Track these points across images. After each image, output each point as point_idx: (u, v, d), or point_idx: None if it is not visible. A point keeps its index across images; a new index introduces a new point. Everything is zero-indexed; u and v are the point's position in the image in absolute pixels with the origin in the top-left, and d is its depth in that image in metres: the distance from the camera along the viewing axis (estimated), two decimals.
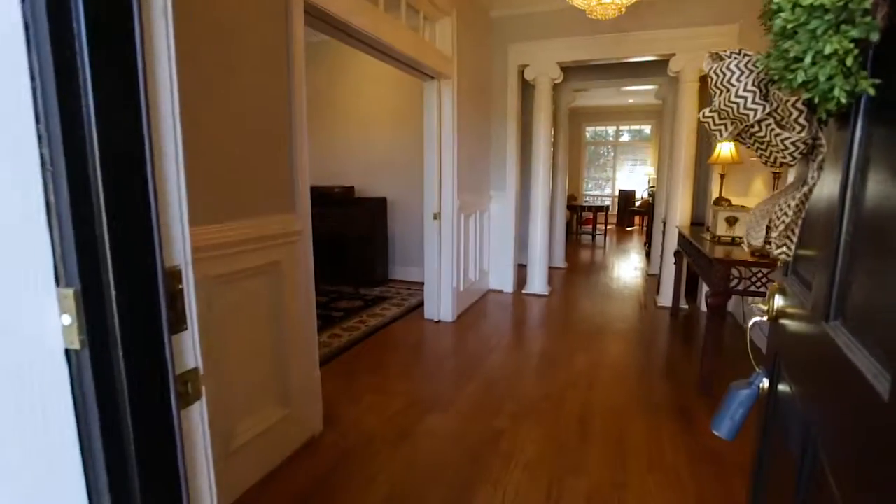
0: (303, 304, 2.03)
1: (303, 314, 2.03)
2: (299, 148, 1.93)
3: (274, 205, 1.84)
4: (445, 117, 3.63)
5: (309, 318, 2.08)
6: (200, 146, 1.50)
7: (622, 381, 2.81)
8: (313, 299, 2.10)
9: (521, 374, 2.90)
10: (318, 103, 5.43)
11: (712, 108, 0.80)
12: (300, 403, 2.07)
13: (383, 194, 5.26)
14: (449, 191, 3.73)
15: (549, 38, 4.39)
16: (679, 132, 4.18)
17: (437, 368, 2.99)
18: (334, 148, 5.45)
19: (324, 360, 3.05)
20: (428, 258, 3.83)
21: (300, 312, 2.01)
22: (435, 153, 3.64)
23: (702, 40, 3.97)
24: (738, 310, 3.97)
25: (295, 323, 1.98)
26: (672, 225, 4.26)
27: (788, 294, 1.07)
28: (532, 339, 3.54)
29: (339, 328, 3.72)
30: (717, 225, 3.13)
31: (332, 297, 4.65)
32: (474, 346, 3.38)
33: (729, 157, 3.62)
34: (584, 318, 4.06)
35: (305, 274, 2.03)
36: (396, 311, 4.19)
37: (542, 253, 4.73)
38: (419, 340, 3.48)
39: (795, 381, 0.95)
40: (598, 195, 12.20)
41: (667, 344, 3.48)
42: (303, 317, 2.04)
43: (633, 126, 11.70)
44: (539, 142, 4.58)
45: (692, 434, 2.23)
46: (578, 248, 8.14)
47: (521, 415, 2.40)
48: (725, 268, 2.48)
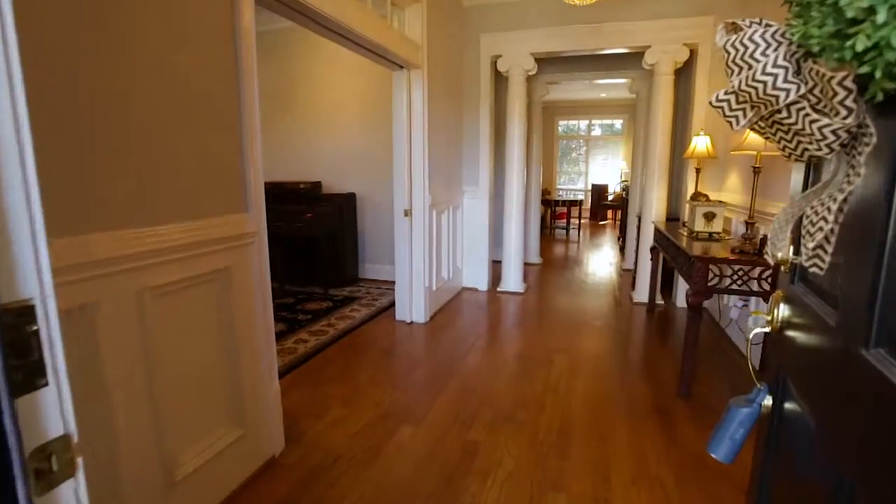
0: (258, 313, 1.83)
1: (258, 323, 1.84)
2: (251, 141, 1.73)
3: (222, 204, 1.64)
4: (415, 109, 3.45)
5: (265, 328, 1.89)
6: (130, 141, 1.30)
7: (601, 383, 2.71)
8: (270, 306, 1.91)
9: (498, 378, 2.77)
10: (282, 94, 5.17)
11: (728, 90, 0.66)
12: (257, 422, 1.88)
13: (352, 189, 5.05)
14: (420, 186, 3.56)
15: (522, 29, 4.26)
16: (654, 126, 4.12)
17: (408, 375, 2.83)
18: (300, 141, 5.20)
19: (288, 369, 2.85)
20: (399, 257, 3.66)
21: (255, 322, 1.82)
22: (405, 147, 3.46)
23: (676, 32, 3.91)
24: (713, 306, 3.94)
25: (249, 334, 1.79)
26: (648, 220, 4.20)
27: (796, 304, 0.96)
28: (508, 341, 3.42)
29: (305, 332, 3.52)
30: (695, 221, 3.07)
31: (299, 298, 4.42)
32: (448, 349, 3.24)
33: (705, 152, 3.56)
34: (561, 316, 3.96)
35: (261, 279, 1.84)
36: (367, 312, 4.00)
37: (516, 249, 4.62)
38: (390, 344, 3.32)
39: (813, 406, 0.83)
40: (570, 189, 12.21)
41: (644, 342, 3.41)
42: (258, 326, 1.84)
43: (604, 120, 11.73)
44: (513, 135, 4.45)
45: (674, 440, 2.14)
46: (553, 242, 8.09)
47: (498, 425, 2.26)
48: (705, 265, 2.40)
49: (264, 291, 1.86)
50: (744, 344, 3.09)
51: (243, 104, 1.70)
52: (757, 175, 2.42)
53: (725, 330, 3.48)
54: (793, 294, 0.98)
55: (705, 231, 3.07)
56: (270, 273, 1.90)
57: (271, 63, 5.14)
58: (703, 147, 3.56)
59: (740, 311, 3.14)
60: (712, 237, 3.04)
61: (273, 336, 1.95)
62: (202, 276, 1.54)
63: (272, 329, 1.94)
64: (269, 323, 1.90)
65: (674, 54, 3.94)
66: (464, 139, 4.61)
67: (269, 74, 5.17)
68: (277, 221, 4.62)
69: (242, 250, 1.72)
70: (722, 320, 3.58)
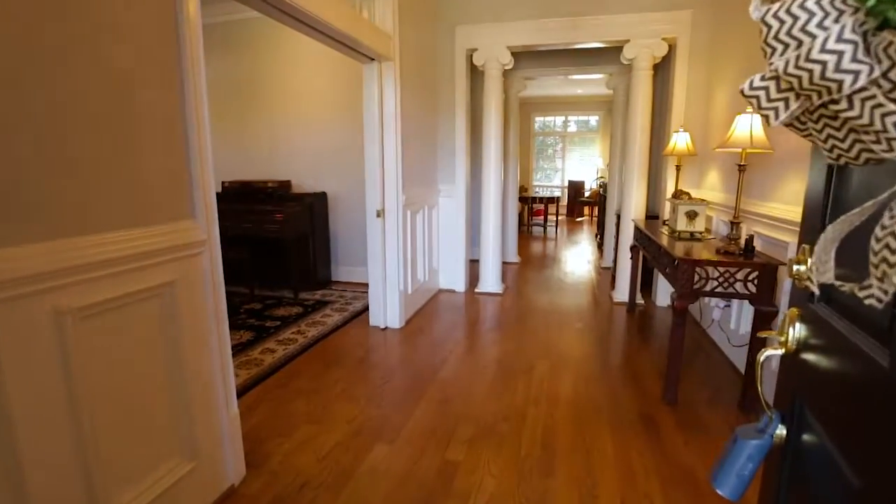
0: (210, 331, 1.65)
1: (211, 342, 1.65)
2: (198, 139, 1.54)
3: (163, 211, 1.44)
4: (387, 104, 3.27)
5: (220, 346, 1.70)
6: (41, 137, 1.10)
7: (585, 390, 2.60)
8: (225, 322, 1.72)
9: (477, 388, 2.63)
10: (248, 89, 4.91)
11: (767, 74, 0.52)
12: (212, 451, 1.69)
13: (324, 189, 4.84)
14: (393, 185, 3.39)
15: (499, 21, 4.11)
16: (633, 122, 4.04)
17: (383, 386, 2.66)
18: (268, 138, 4.95)
19: (253, 383, 2.66)
20: (371, 260, 3.48)
21: (207, 341, 1.63)
22: (377, 144, 3.28)
23: (654, 26, 3.83)
24: (693, 305, 3.88)
25: (200, 355, 1.60)
26: (627, 218, 4.12)
27: (818, 326, 0.84)
28: (487, 346, 3.29)
29: (273, 341, 3.31)
30: (678, 220, 2.98)
31: (268, 303, 4.20)
32: (425, 356, 3.09)
33: (685, 149, 3.49)
34: (541, 318, 3.85)
35: (213, 292, 1.65)
36: (339, 317, 3.81)
37: (494, 249, 4.49)
38: (364, 352, 3.14)
39: (843, 443, 0.71)
40: (547, 186, 12.18)
41: (626, 344, 3.33)
42: (211, 346, 1.66)
43: (580, 117, 11.72)
44: (490, 131, 4.31)
45: (663, 451, 2.04)
46: (530, 240, 8.01)
47: (479, 441, 2.12)
48: (690, 268, 2.31)
49: (218, 306, 1.67)
50: (727, 346, 3.03)
51: (188, 99, 1.51)
52: (742, 173, 2.34)
53: (707, 331, 3.42)
54: (812, 314, 0.86)
55: (687, 230, 3.00)
56: (238, 277, 1.71)
57: (235, 55, 4.87)
58: (684, 144, 3.49)
59: (722, 312, 3.08)
60: (694, 237, 2.97)
61: (229, 355, 1.76)
62: (139, 293, 1.35)
63: (228, 347, 1.75)
64: (223, 341, 1.71)
65: (652, 49, 3.86)
66: (439, 135, 4.45)
67: (232, 67, 4.91)
68: (244, 223, 4.38)
69: (190, 261, 1.53)
70: (703, 321, 3.53)
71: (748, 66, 2.99)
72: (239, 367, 2.87)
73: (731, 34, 3.36)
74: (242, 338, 3.36)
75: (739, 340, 2.82)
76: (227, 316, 1.73)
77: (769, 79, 0.51)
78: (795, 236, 2.25)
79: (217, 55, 4.93)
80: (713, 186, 3.58)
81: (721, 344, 3.16)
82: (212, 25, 4.89)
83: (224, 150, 5.12)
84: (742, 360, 2.79)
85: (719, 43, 3.59)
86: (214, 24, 4.87)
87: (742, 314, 2.83)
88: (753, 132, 2.24)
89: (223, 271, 1.69)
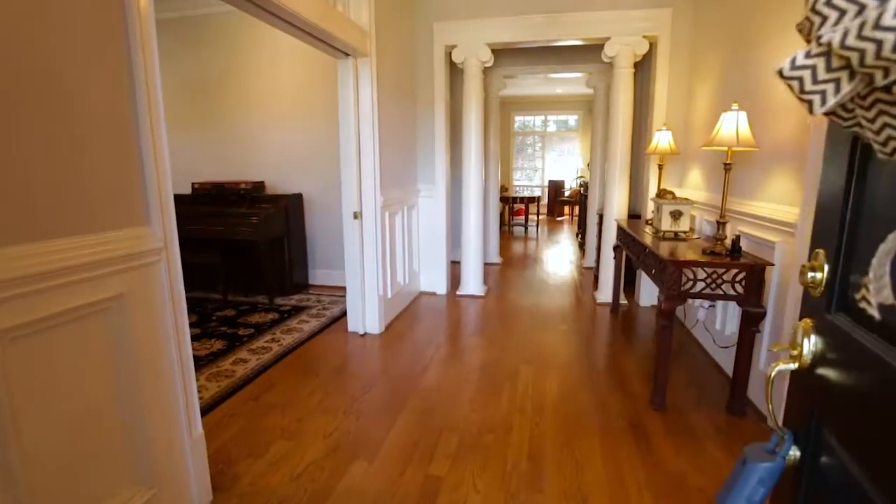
0: (169, 346, 1.50)
1: (170, 359, 1.51)
2: (152, 139, 1.40)
3: (110, 217, 1.30)
4: (363, 102, 3.15)
5: (181, 362, 1.56)
6: None
7: (571, 396, 2.53)
8: (186, 335, 1.58)
9: (461, 397, 2.53)
10: (219, 86, 4.72)
11: (813, 50, 0.43)
12: (174, 476, 1.55)
13: (300, 190, 4.68)
14: (371, 186, 3.26)
15: (478, 18, 4.02)
16: (615, 121, 3.99)
17: (362, 396, 2.54)
18: (240, 137, 4.77)
19: (224, 396, 2.50)
20: (349, 264, 3.35)
21: (165, 357, 1.49)
22: (353, 143, 3.15)
23: (635, 24, 3.79)
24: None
25: (157, 373, 1.46)
26: (610, 218, 4.08)
27: (837, 339, 0.76)
28: (470, 351, 3.19)
29: (246, 350, 3.15)
30: (662, 219, 2.93)
31: (242, 310, 4.03)
32: (406, 363, 2.97)
33: (668, 148, 3.45)
34: (525, 320, 3.77)
35: (172, 304, 1.51)
36: (316, 323, 3.67)
37: (476, 250, 4.40)
38: (341, 360, 3.01)
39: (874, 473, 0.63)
40: (526, 185, 12.16)
41: (611, 347, 3.27)
42: (170, 362, 1.51)
43: (559, 116, 11.73)
44: (470, 130, 4.22)
45: (655, 461, 1.97)
46: (512, 240, 7.96)
47: (463, 454, 2.02)
48: (678, 269, 2.25)
49: (178, 319, 1.53)
50: (713, 346, 2.99)
51: (139, 96, 1.36)
52: (728, 172, 2.29)
53: (692, 331, 3.39)
54: (830, 326, 0.79)
55: (671, 230, 2.95)
56: (210, 283, 1.57)
57: (205, 51, 4.68)
58: (666, 143, 3.45)
59: (707, 312, 3.04)
60: (678, 236, 2.92)
61: (192, 372, 1.62)
62: (82, 309, 1.21)
63: (190, 363, 1.61)
64: (185, 357, 1.57)
65: (633, 47, 3.81)
66: (418, 134, 4.34)
67: (202, 64, 4.71)
68: (216, 226, 4.19)
69: (143, 271, 1.39)
70: (687, 321, 3.50)
71: (730, 64, 2.96)
72: (208, 379, 2.72)
73: (710, 33, 3.33)
74: (213, 347, 3.19)
75: (725, 341, 2.78)
76: (198, 324, 1.59)
77: (817, 55, 0.42)
78: (782, 236, 2.21)
79: (185, 51, 4.73)
80: (696, 185, 3.55)
81: (706, 345, 3.13)
82: (180, 20, 4.69)
83: (194, 149, 4.91)
84: (728, 362, 2.75)
85: (700, 41, 3.56)
86: (182, 18, 4.67)
87: (727, 315, 2.79)
88: (739, 130, 2.19)
89: (193, 277, 1.56)
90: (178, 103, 4.87)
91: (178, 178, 4.94)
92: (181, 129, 4.90)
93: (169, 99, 4.90)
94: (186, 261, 1.63)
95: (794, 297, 2.07)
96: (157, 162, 1.41)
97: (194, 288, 4.65)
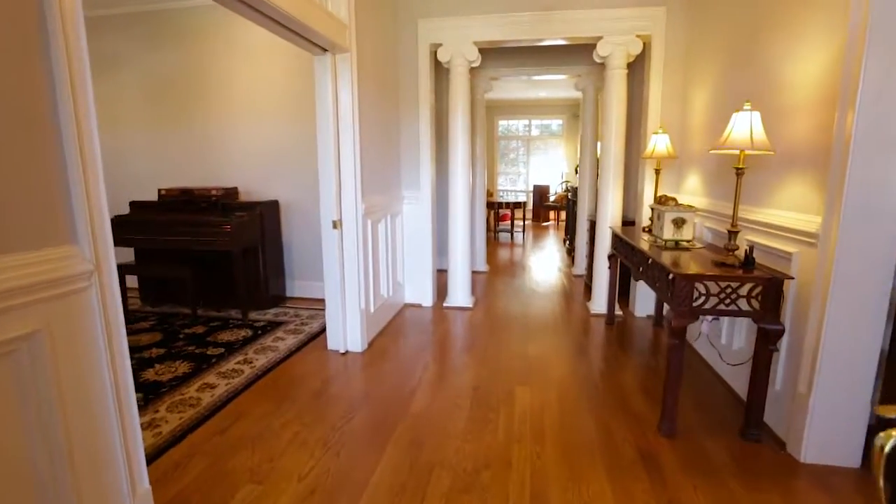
0: (103, 388, 1.24)
1: (103, 403, 1.25)
2: (78, 144, 1.14)
3: (23, 234, 1.04)
4: (343, 102, 2.91)
5: (118, 406, 1.29)
6: None
7: (572, 423, 2.31)
8: (125, 374, 1.32)
9: (453, 425, 2.30)
10: (187, 86, 4.42)
11: None
12: None
13: (276, 196, 4.40)
14: (351, 193, 3.01)
15: (465, 15, 3.82)
16: (608, 124, 3.82)
17: (342, 427, 2.29)
18: (212, 140, 4.47)
19: (185, 431, 2.22)
20: (328, 277, 3.10)
21: (96, 402, 1.23)
22: (331, 147, 2.90)
23: (628, 23, 3.63)
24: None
25: (86, 421, 1.20)
26: (604, 226, 3.90)
27: None
28: (461, 370, 2.95)
29: (214, 374, 2.87)
30: (664, 227, 2.75)
31: (213, 326, 3.73)
32: (391, 385, 2.72)
33: (665, 152, 3.29)
34: (516, 335, 3.56)
35: (108, 337, 1.24)
36: (293, 341, 3.40)
37: (463, 259, 4.17)
38: (321, 383, 2.75)
39: None
40: (510, 190, 12.01)
41: (610, 362, 3.07)
42: (103, 407, 1.25)
43: (543, 121, 11.62)
44: (456, 133, 4.00)
45: (668, 498, 1.76)
46: (498, 247, 7.76)
47: (457, 497, 1.79)
48: (689, 284, 2.06)
49: (115, 354, 1.27)
50: (719, 362, 2.82)
51: (61, 96, 1.11)
52: (740, 177, 2.11)
53: (694, 345, 3.22)
54: None
55: (673, 239, 2.77)
56: (179, 297, 1.31)
57: (173, 47, 4.38)
58: (664, 146, 3.28)
59: (711, 325, 2.87)
60: (680, 245, 2.74)
61: (135, 416, 1.36)
62: None
63: (133, 406, 1.35)
64: (125, 400, 1.31)
65: (627, 46, 3.65)
66: (402, 138, 4.11)
67: (168, 61, 4.41)
68: (185, 235, 3.88)
69: (68, 301, 1.13)
70: (689, 334, 3.32)
71: (732, 62, 2.80)
72: (170, 409, 2.43)
73: (708, 29, 3.18)
74: (178, 370, 2.90)
75: (733, 357, 2.60)
76: (164, 343, 1.33)
77: None
78: (801, 246, 2.04)
79: (152, 47, 4.42)
80: (694, 191, 3.39)
81: (711, 360, 2.95)
82: (145, 14, 4.38)
83: (161, 152, 4.60)
84: (737, 380, 2.58)
85: (696, 39, 3.42)
86: (148, 12, 4.37)
87: (735, 329, 2.62)
88: (754, 132, 2.02)
89: (161, 291, 1.30)
90: (144, 103, 4.56)
91: (144, 183, 4.63)
92: (148, 131, 4.59)
93: (135, 98, 4.60)
94: (153, 274, 1.37)
95: (817, 313, 1.90)
96: (86, 169, 1.16)
97: (162, 302, 4.33)
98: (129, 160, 4.68)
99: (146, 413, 2.39)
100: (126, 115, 4.60)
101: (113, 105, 4.61)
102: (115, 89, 4.57)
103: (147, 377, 2.81)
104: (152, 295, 4.33)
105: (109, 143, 4.70)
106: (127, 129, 4.63)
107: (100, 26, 4.49)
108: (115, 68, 4.54)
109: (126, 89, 4.56)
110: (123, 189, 4.67)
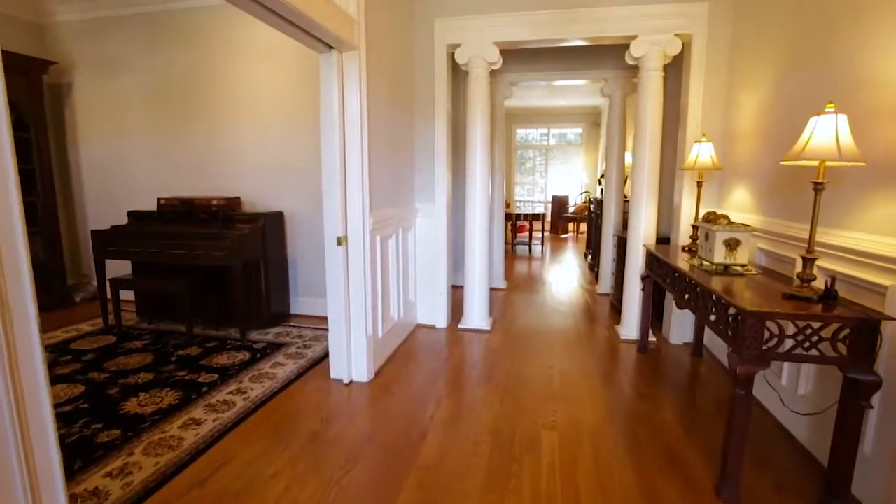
0: (7, 463, 0.93)
1: (8, 482, 0.94)
2: None
3: None
4: (350, 105, 2.61)
5: (32, 483, 0.99)
6: None
7: (612, 480, 1.95)
8: (48, 436, 1.01)
9: (470, 479, 1.95)
10: (189, 91, 4.19)
11: None
12: None
13: (280, 206, 4.13)
14: (358, 205, 2.71)
15: (485, 13, 3.52)
16: (642, 132, 3.47)
17: (341, 479, 1.96)
18: (215, 147, 4.23)
19: (159, 483, 1.90)
20: (332, 299, 2.79)
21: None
22: (336, 154, 2.61)
23: (665, 21, 3.29)
24: (716, 340, 3.31)
25: None
26: (636, 244, 3.53)
27: None
28: (478, 407, 2.61)
29: (203, 406, 2.57)
30: (714, 249, 2.39)
31: (209, 347, 3.44)
32: (400, 425, 2.39)
33: (709, 163, 2.93)
34: (539, 364, 3.20)
35: (11, 384, 0.94)
36: (293, 367, 3.09)
37: (481, 278, 3.84)
38: (320, 421, 2.43)
39: None
40: (528, 201, 11.65)
41: (649, 400, 2.69)
42: (10, 486, 0.94)
43: (560, 130, 11.27)
44: (475, 141, 3.69)
45: None
46: (516, 260, 7.41)
47: None
48: (760, 323, 1.70)
49: (22, 409, 0.96)
50: (778, 406, 2.42)
51: None
52: (819, 193, 1.75)
53: None
54: None
55: (723, 262, 2.41)
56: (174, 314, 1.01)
57: (174, 50, 4.16)
58: (707, 156, 2.92)
59: None
60: (730, 271, 2.37)
61: (60, 492, 1.05)
62: None
63: (57, 481, 1.03)
64: (48, 471, 1.00)
65: (664, 46, 3.31)
66: (416, 145, 3.81)
67: (171, 65, 4.19)
68: (183, 248, 3.62)
69: None
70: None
71: (795, 58, 2.44)
72: (146, 451, 2.13)
73: (761, 24, 2.83)
74: (163, 401, 2.60)
75: (801, 405, 2.22)
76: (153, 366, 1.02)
77: None
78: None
79: (152, 51, 4.21)
80: (742, 206, 3.01)
81: (767, 402, 2.56)
82: (144, 16, 4.18)
83: (161, 160, 4.38)
84: (804, 430, 2.20)
85: (744, 37, 3.06)
86: (147, 14, 4.16)
87: (801, 370, 2.24)
88: (840, 139, 1.66)
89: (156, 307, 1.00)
90: (144, 108, 4.34)
91: (142, 192, 4.40)
92: (147, 137, 4.37)
93: (133, 104, 4.38)
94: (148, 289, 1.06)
95: None
96: None
97: (159, 318, 4.07)
98: (129, 168, 4.47)
99: (119, 455, 2.09)
100: (128, 121, 4.40)
101: (114, 110, 4.40)
102: (117, 94, 4.37)
103: (129, 408, 2.52)
104: (149, 310, 4.07)
105: (110, 150, 4.49)
106: (128, 136, 4.42)
107: (100, 28, 4.30)
108: (116, 73, 4.34)
109: (127, 94, 4.35)
110: (123, 198, 4.45)
